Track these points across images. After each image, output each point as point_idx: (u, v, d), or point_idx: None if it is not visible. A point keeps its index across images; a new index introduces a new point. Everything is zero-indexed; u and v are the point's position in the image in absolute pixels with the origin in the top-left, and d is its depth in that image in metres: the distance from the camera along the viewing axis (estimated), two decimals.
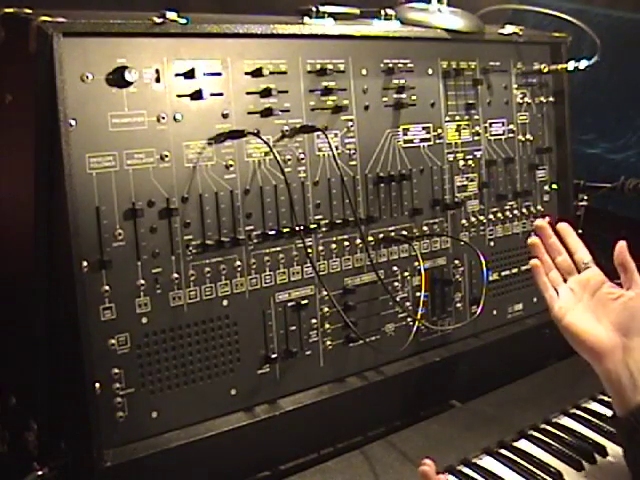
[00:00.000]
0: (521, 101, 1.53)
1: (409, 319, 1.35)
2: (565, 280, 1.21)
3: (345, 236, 1.26)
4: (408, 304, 1.36)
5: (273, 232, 1.17)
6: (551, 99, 1.59)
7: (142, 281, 1.05)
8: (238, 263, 1.14)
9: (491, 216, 1.48)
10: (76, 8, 1.05)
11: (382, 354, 1.30)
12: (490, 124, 1.48)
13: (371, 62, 1.29)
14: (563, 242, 1.24)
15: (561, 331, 1.17)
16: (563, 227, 1.25)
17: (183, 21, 1.06)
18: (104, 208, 1.01)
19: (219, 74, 1.12)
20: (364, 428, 1.32)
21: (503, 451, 1.25)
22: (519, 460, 1.23)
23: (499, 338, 1.48)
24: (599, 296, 1.16)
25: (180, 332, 1.09)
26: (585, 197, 1.78)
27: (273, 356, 1.18)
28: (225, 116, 1.12)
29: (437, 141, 1.39)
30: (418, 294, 1.36)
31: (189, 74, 1.08)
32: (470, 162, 1.44)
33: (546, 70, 1.56)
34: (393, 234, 1.33)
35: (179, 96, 1.08)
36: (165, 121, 1.06)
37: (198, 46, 1.09)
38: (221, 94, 1.12)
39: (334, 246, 1.25)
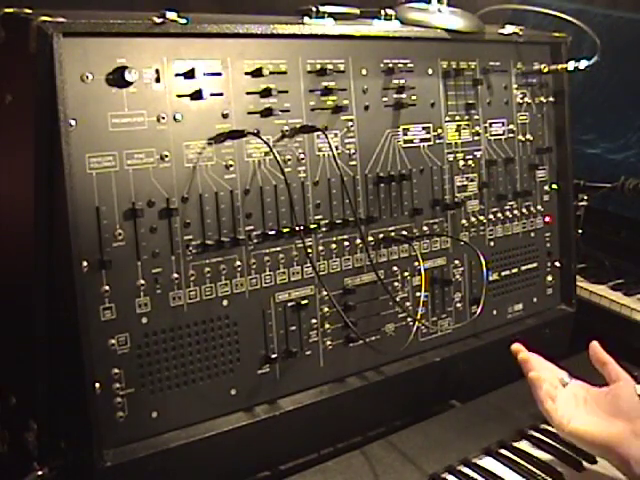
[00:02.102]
0: (521, 101, 1.53)
1: (409, 319, 1.35)
2: None
3: (345, 236, 1.26)
4: (408, 304, 1.36)
5: (273, 232, 1.17)
6: (551, 99, 1.59)
7: (142, 281, 1.05)
8: (238, 263, 1.14)
9: (491, 216, 1.48)
10: (76, 8, 1.05)
11: (382, 354, 1.30)
12: (490, 124, 1.48)
13: (371, 62, 1.29)
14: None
15: (567, 438, 1.17)
16: (533, 355, 1.25)
17: (183, 21, 1.06)
18: (104, 208, 1.01)
19: (219, 74, 1.12)
20: (364, 428, 1.32)
21: (503, 451, 1.25)
22: (519, 460, 1.23)
23: (499, 338, 1.48)
24: (591, 399, 1.17)
25: (180, 332, 1.09)
26: (585, 197, 1.79)
27: (273, 356, 1.18)
28: (225, 116, 1.12)
29: (437, 141, 1.39)
30: (418, 294, 1.36)
31: (189, 74, 1.08)
32: (470, 162, 1.44)
33: (546, 70, 1.56)
34: (393, 234, 1.33)
35: (179, 96, 1.08)
36: (165, 121, 1.06)
37: (198, 46, 1.09)
38: (221, 94, 1.12)
39: (334, 246, 1.25)
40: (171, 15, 1.05)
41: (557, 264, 1.62)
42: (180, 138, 1.08)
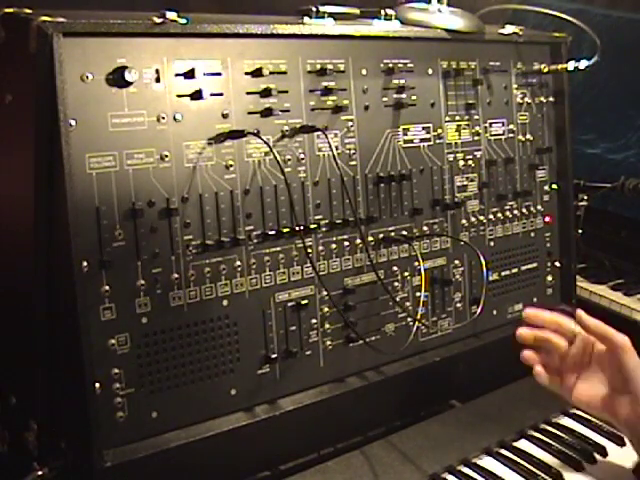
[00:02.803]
0: (521, 101, 1.53)
1: (409, 319, 1.35)
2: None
3: (345, 236, 1.26)
4: (408, 304, 1.36)
5: (273, 232, 1.17)
6: (551, 99, 1.59)
7: (142, 281, 1.05)
8: (238, 263, 1.14)
9: (491, 216, 1.48)
10: (76, 8, 1.05)
11: (382, 354, 1.30)
12: (490, 124, 1.48)
13: (371, 62, 1.29)
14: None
15: (575, 406, 1.24)
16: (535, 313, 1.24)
17: (183, 21, 1.06)
18: (104, 208, 1.01)
19: (219, 74, 1.12)
20: (364, 428, 1.32)
21: (503, 451, 1.25)
22: (519, 460, 1.23)
23: (499, 338, 1.48)
24: (595, 360, 1.19)
25: (180, 332, 1.09)
26: (585, 197, 1.79)
27: (273, 356, 1.18)
28: (225, 116, 1.12)
29: (437, 141, 1.39)
30: (418, 294, 1.36)
31: (189, 74, 1.08)
32: (470, 162, 1.44)
33: (546, 70, 1.56)
34: (393, 234, 1.33)
35: (179, 96, 1.08)
36: (165, 121, 1.06)
37: (198, 46, 1.09)
38: (221, 94, 1.12)
39: (334, 246, 1.25)
40: (171, 15, 1.05)
41: (557, 264, 1.62)
42: (180, 138, 1.08)
